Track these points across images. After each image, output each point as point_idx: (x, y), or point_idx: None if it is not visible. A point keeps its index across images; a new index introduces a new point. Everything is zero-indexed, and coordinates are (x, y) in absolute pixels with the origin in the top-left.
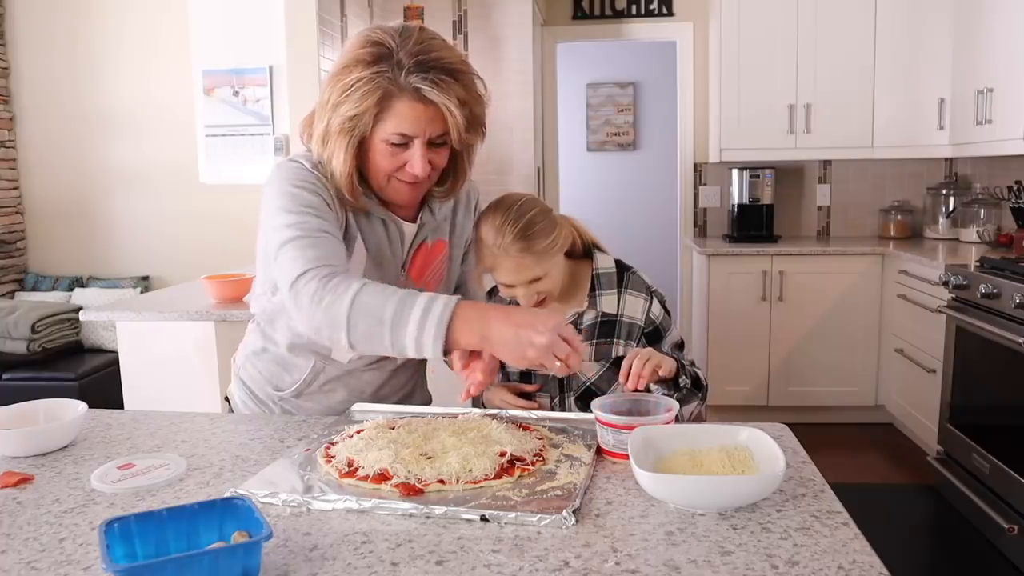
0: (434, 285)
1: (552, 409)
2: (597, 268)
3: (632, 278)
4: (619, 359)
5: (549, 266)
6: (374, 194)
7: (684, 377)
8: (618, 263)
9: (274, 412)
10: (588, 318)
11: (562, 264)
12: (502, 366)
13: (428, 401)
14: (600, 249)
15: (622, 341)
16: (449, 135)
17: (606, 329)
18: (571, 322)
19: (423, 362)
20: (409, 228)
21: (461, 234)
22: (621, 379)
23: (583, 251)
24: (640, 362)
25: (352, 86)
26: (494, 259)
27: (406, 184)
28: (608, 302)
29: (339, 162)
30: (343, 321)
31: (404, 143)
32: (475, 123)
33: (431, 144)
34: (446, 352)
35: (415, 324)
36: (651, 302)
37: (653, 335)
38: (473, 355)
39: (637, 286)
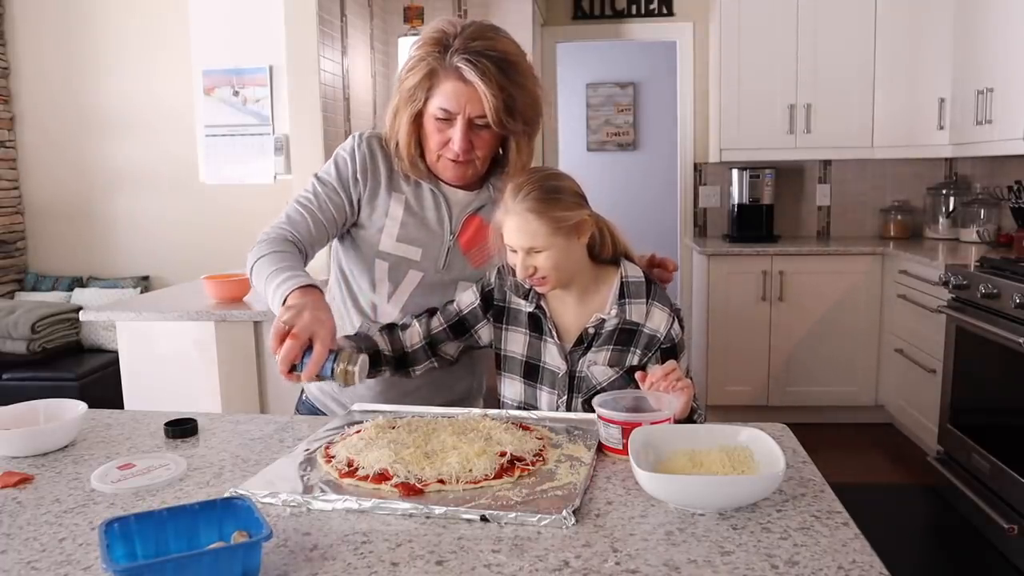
0: (480, 261)
1: (558, 409)
2: (627, 276)
3: (659, 291)
4: (633, 368)
5: (554, 244)
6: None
7: (699, 414)
8: (645, 274)
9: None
10: (610, 324)
11: (576, 255)
12: (526, 375)
13: (480, 386)
14: (630, 259)
15: (638, 351)
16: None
17: (625, 337)
18: (593, 327)
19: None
20: (456, 196)
21: None
22: (647, 381)
23: (612, 258)
24: (663, 372)
25: (412, 64)
26: (504, 215)
27: (451, 162)
28: (636, 311)
29: (403, 132)
30: (250, 271)
31: (448, 118)
32: (516, 112)
33: (473, 125)
34: None
35: (271, 292)
36: (674, 320)
37: (669, 352)
38: None
39: (663, 300)
